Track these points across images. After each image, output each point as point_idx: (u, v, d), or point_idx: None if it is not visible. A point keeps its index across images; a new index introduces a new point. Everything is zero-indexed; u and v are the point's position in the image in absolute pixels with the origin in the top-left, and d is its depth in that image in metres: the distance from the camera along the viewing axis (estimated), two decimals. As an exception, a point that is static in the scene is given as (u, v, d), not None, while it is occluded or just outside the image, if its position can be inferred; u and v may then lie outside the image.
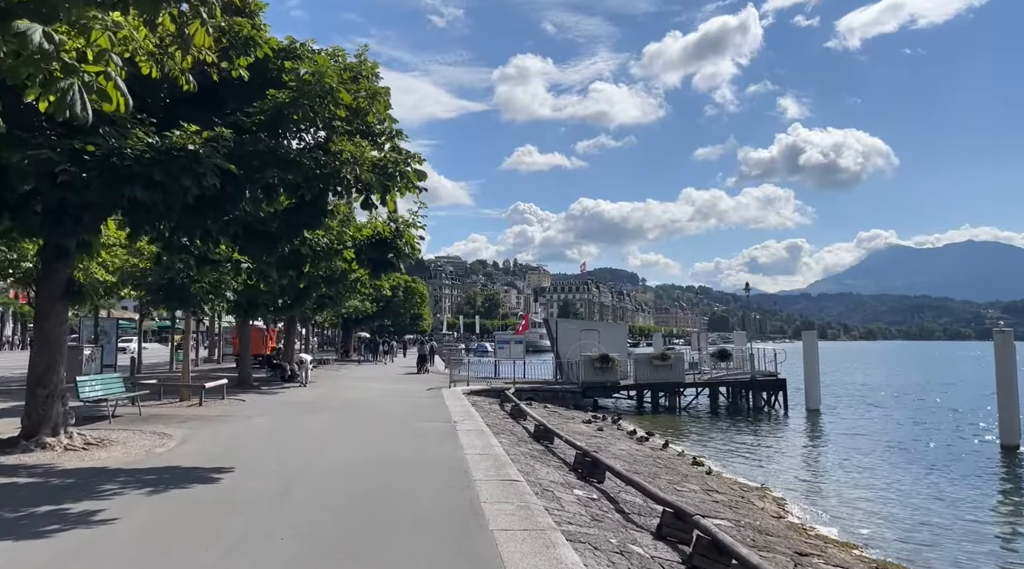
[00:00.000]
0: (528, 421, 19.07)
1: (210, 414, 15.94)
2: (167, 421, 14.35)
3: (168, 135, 8.00)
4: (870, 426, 26.86)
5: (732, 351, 31.91)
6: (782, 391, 30.81)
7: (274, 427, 14.14)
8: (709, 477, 14.88)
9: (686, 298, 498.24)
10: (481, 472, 9.70)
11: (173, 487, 8.19)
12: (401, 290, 58.14)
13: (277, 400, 19.94)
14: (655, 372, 30.19)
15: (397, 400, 20.76)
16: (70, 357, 25.18)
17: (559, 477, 11.29)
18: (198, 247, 10.76)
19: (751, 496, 13.35)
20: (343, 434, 13.22)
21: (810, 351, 30.92)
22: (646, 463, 15.76)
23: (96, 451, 10.67)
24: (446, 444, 12.16)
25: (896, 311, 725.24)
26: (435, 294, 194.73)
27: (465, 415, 17.39)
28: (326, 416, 16.21)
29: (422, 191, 10.31)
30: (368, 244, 11.38)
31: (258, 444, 11.80)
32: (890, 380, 55.70)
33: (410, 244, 11.42)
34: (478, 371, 32.47)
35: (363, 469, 9.66)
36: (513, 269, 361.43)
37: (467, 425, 15.15)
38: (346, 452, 11.12)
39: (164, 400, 18.42)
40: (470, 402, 21.83)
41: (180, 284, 17.38)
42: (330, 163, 9.30)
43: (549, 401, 28.00)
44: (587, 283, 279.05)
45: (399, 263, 11.34)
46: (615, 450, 17.07)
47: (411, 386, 27.20)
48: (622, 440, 19.36)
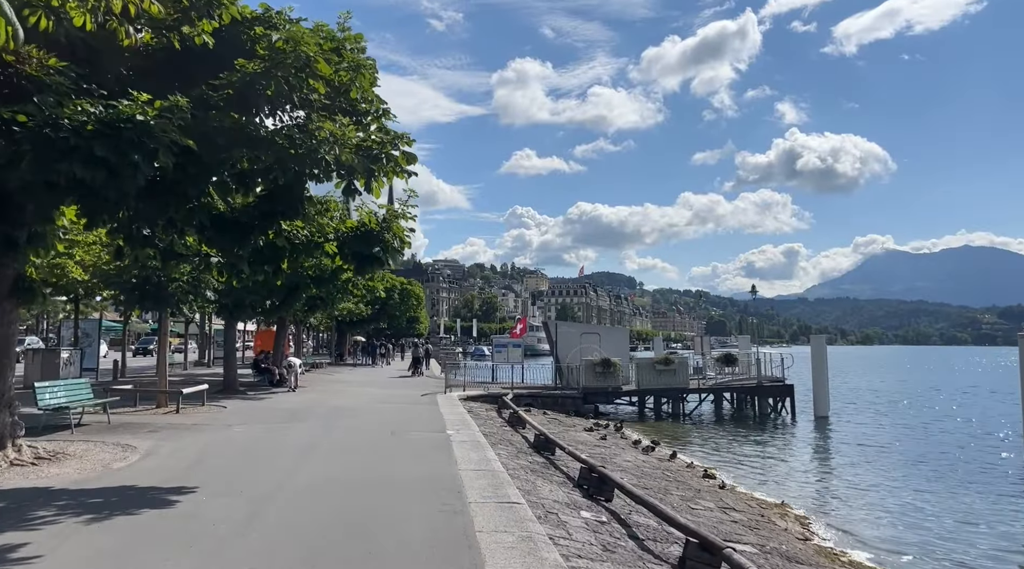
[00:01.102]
0: (528, 429, 17.97)
1: (185, 422, 14.80)
2: (136, 431, 13.21)
3: (114, 105, 6.89)
4: (885, 435, 25.75)
5: (737, 356, 30.81)
6: (790, 397, 29.73)
7: (252, 437, 13.01)
8: (723, 492, 13.78)
9: (683, 302, 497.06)
10: (477, 492, 8.58)
11: (120, 513, 7.06)
12: (397, 292, 56.97)
13: (261, 406, 18.80)
14: (658, 377, 29.09)
15: (389, 407, 19.64)
16: (46, 361, 24.14)
17: (563, 495, 10.18)
18: (162, 239, 9.66)
19: (771, 514, 12.24)
20: (326, 446, 12.09)
21: (819, 356, 29.83)
22: (655, 476, 14.66)
23: (46, 467, 9.54)
24: (439, 458, 11.04)
25: (893, 316, 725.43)
26: (432, 297, 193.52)
27: (460, 423, 16.28)
28: (311, 425, 15.07)
29: (411, 176, 9.21)
30: (352, 237, 10.24)
31: (230, 458, 10.67)
32: (898, 385, 54.60)
33: (399, 237, 10.29)
34: (475, 375, 31.32)
35: (343, 489, 8.54)
36: (511, 273, 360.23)
37: (462, 435, 14.03)
38: (327, 468, 10.00)
39: (140, 407, 17.28)
40: (466, 409, 20.72)
41: (156, 283, 16.26)
42: (306, 142, 8.19)
43: (549, 407, 26.87)
44: (585, 287, 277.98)
45: (387, 258, 10.21)
46: (621, 462, 15.97)
47: (405, 391, 26.07)
48: (627, 450, 18.25)
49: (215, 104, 8.28)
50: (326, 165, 8.33)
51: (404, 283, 62.79)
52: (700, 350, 35.40)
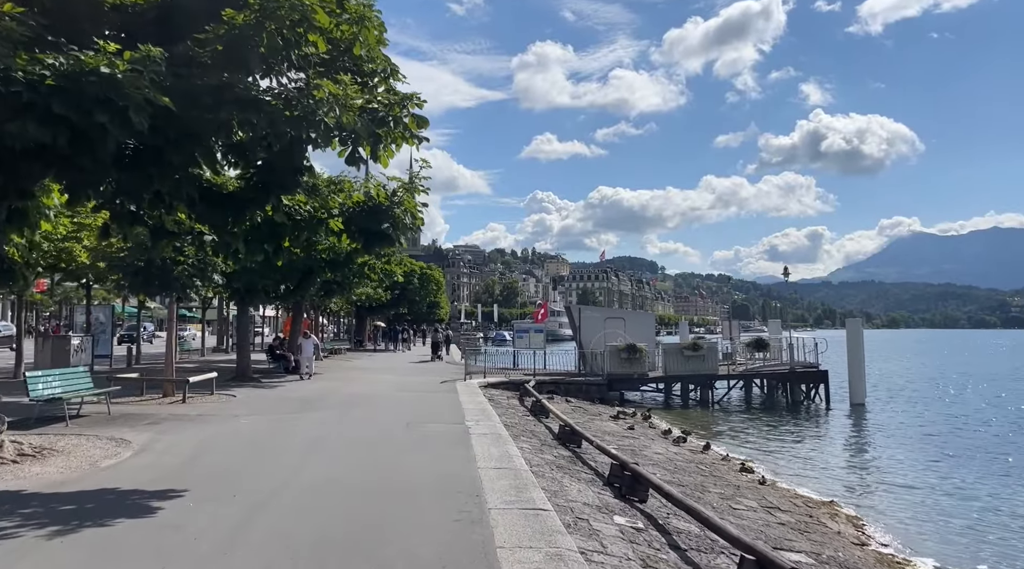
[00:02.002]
0: (551, 419, 17.04)
1: (190, 413, 14.02)
2: (135, 422, 12.43)
3: (77, 56, 5.97)
4: (928, 423, 24.47)
5: (769, 340, 29.60)
6: (824, 384, 28.50)
7: (258, 430, 12.18)
8: (764, 489, 12.75)
9: (706, 286, 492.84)
10: (498, 496, 7.65)
11: (90, 524, 6.20)
12: (416, 277, 56.18)
13: (273, 395, 18.02)
14: (686, 363, 27.98)
15: (406, 395, 18.77)
16: (56, 348, 23.55)
17: (593, 496, 9.23)
18: (151, 216, 8.78)
19: (820, 514, 11.20)
20: (336, 440, 11.22)
21: (854, 340, 28.53)
22: (689, 471, 13.67)
23: (28, 465, 8.74)
24: (456, 454, 10.12)
25: (919, 299, 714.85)
26: (453, 283, 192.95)
27: (480, 413, 15.38)
28: (322, 415, 14.23)
29: (422, 142, 8.23)
30: (359, 212, 9.30)
31: (230, 454, 9.82)
32: (932, 370, 52.91)
33: (411, 212, 9.33)
34: (495, 362, 30.46)
35: (348, 493, 7.64)
36: (531, 258, 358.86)
37: (482, 427, 13.11)
38: (333, 466, 9.11)
39: (146, 396, 16.55)
40: (486, 397, 19.82)
41: (161, 266, 15.47)
42: (302, 103, 7.24)
43: (572, 394, 25.92)
44: (606, 271, 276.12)
45: (397, 235, 9.27)
46: (651, 454, 14.99)
47: (423, 378, 25.22)
48: (657, 441, 17.26)
49: (202, 62, 7.34)
50: (325, 128, 7.36)
51: (424, 267, 61.99)
52: (728, 335, 34.18)
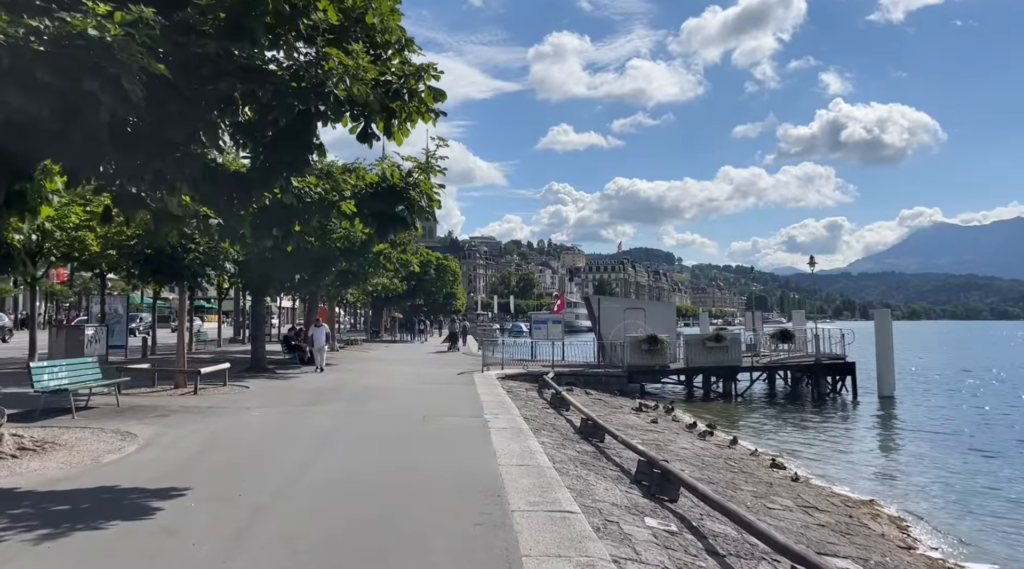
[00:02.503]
0: (572, 412, 16.52)
1: (200, 405, 13.61)
2: (144, 415, 12.02)
3: (63, 18, 5.47)
4: (962, 417, 23.67)
5: (794, 331, 28.87)
6: (851, 376, 27.76)
7: (269, 423, 11.74)
8: (799, 486, 12.15)
9: (723, 277, 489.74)
10: (521, 496, 7.13)
11: (83, 527, 5.74)
12: (432, 268, 55.77)
13: (286, 387, 17.61)
14: (708, 355, 27.33)
15: (423, 387, 18.31)
16: (70, 338, 23.27)
17: (621, 495, 8.69)
18: (154, 198, 8.31)
19: (860, 514, 10.59)
20: (349, 434, 10.74)
21: (883, 331, 27.76)
22: (717, 467, 13.09)
23: (28, 460, 8.32)
24: (475, 449, 9.61)
25: (940, 290, 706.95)
26: (469, 274, 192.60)
27: (499, 406, 14.87)
28: (336, 408, 13.78)
29: (439, 117, 7.68)
30: (372, 194, 8.76)
31: (238, 449, 9.36)
32: (960, 362, 51.70)
33: (427, 194, 8.78)
34: (513, 353, 29.90)
35: (361, 492, 7.14)
36: (547, 249, 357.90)
37: (501, 420, 12.60)
38: (345, 463, 8.62)
39: (158, 387, 16.19)
40: (504, 389, 19.32)
41: (170, 254, 15.05)
42: (310, 73, 6.71)
43: (591, 386, 25.39)
44: (623, 262, 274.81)
45: (412, 219, 8.71)
46: (677, 449, 14.43)
47: (440, 370, 24.77)
48: (682, 435, 16.68)
49: (203, 31, 6.81)
50: (335, 101, 6.83)
51: (440, 258, 61.60)
52: (751, 326, 33.44)
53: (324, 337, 23.28)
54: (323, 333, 23.27)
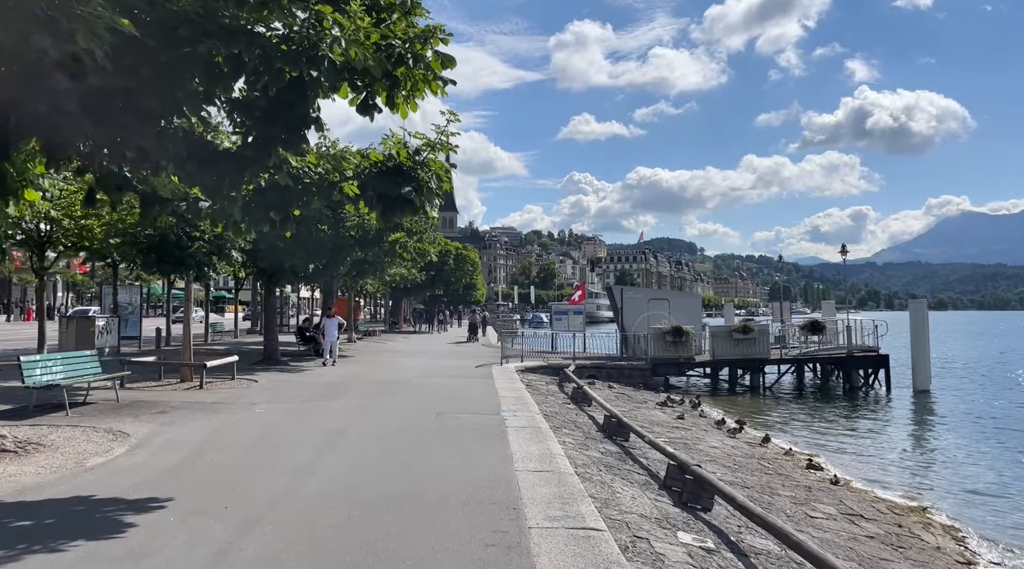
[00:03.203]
0: (594, 407, 15.75)
1: (204, 400, 12.99)
2: (143, 411, 11.40)
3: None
4: (1004, 414, 22.54)
5: (825, 323, 27.81)
6: (884, 368, 26.68)
7: (273, 421, 11.07)
8: (839, 490, 11.28)
9: (746, 268, 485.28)
10: (539, 509, 6.37)
11: (40, 548, 5.05)
12: (452, 258, 55.09)
13: (297, 380, 16.97)
14: (736, 347, 26.39)
15: (439, 381, 17.60)
16: (80, 329, 22.85)
17: (649, 504, 7.90)
18: (140, 178, 7.63)
19: (910, 523, 9.72)
20: (356, 434, 10.04)
21: (918, 323, 26.62)
22: (751, 468, 12.25)
23: (5, 463, 7.69)
24: (491, 452, 8.86)
25: (968, 280, 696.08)
26: (489, 264, 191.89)
27: (518, 402, 14.12)
28: (345, 404, 13.11)
29: (448, 85, 6.89)
30: (377, 174, 7.99)
31: (235, 451, 8.69)
32: (995, 354, 50.10)
33: (437, 174, 8.00)
34: (533, 345, 29.16)
35: (363, 503, 6.42)
36: (568, 239, 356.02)
37: (520, 418, 11.85)
38: (349, 468, 7.91)
39: (163, 381, 15.63)
40: (524, 382, 18.58)
41: (175, 242, 14.43)
42: (302, 34, 5.95)
43: (614, 379, 24.59)
44: (645, 253, 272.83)
45: (421, 201, 7.92)
46: (706, 448, 13.61)
47: (458, 362, 24.08)
48: (711, 433, 15.84)
49: None
50: (331, 67, 6.07)
51: (459, 247, 60.87)
52: (779, 317, 32.39)
53: (336, 329, 22.21)
54: (335, 325, 22.17)
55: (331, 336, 21.58)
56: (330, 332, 21.66)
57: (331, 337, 21.58)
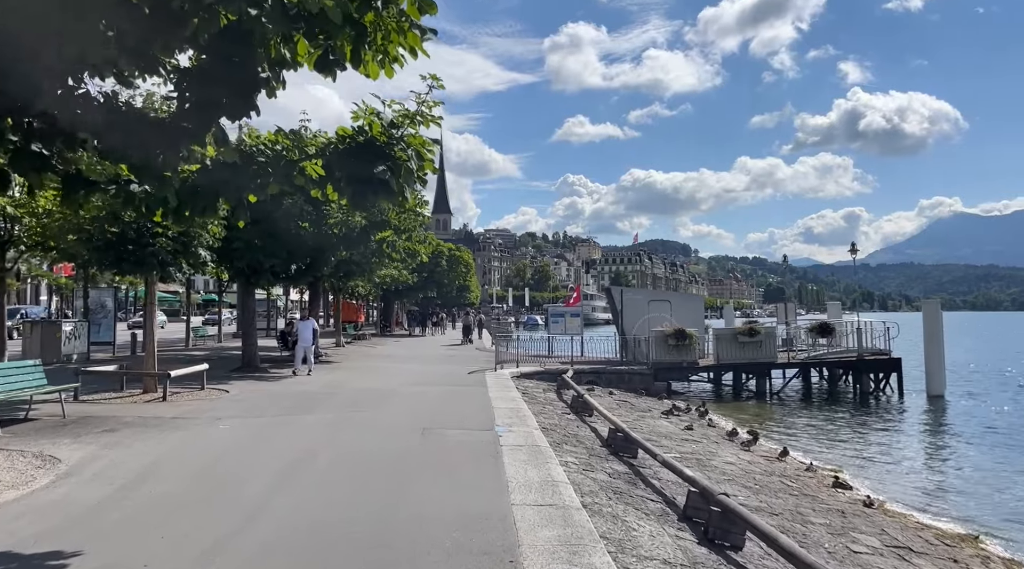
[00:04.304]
0: (596, 418, 14.51)
1: (164, 415, 11.65)
2: (88, 429, 10.07)
3: None
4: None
5: (835, 325, 26.59)
6: (896, 373, 25.49)
7: (236, 439, 9.75)
8: (875, 514, 10.02)
9: (740, 269, 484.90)
10: (541, 559, 5.11)
11: None
12: (444, 259, 53.77)
13: (273, 390, 15.64)
14: (741, 350, 25.15)
15: (427, 390, 16.30)
16: (45, 335, 21.45)
17: (671, 544, 6.62)
18: (60, 155, 6.33)
19: (966, 557, 8.45)
20: (329, 456, 8.73)
21: (932, 324, 25.44)
22: (774, 488, 10.99)
23: None
24: (483, 479, 7.57)
25: (960, 281, 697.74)
26: (484, 266, 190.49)
27: (513, 414, 12.84)
28: (322, 418, 11.79)
29: (427, 38, 5.61)
30: (345, 152, 6.71)
31: (180, 481, 7.37)
32: (1006, 357, 48.89)
33: (417, 152, 6.71)
34: (528, 348, 27.85)
35: (324, 551, 5.12)
36: (563, 241, 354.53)
37: (516, 434, 10.56)
38: (312, 502, 6.60)
39: (125, 392, 14.29)
40: (519, 390, 17.31)
41: (134, 239, 13.09)
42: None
43: (614, 385, 23.34)
44: (639, 254, 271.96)
45: (398, 184, 6.62)
46: (721, 464, 12.34)
47: (450, 367, 22.77)
48: (723, 445, 14.57)
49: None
50: (276, 8, 4.78)
51: (452, 248, 59.60)
52: (784, 318, 31.19)
53: (311, 333, 19.75)
54: (310, 329, 19.77)
55: (305, 341, 19.42)
56: (304, 336, 19.46)
57: (305, 342, 19.42)
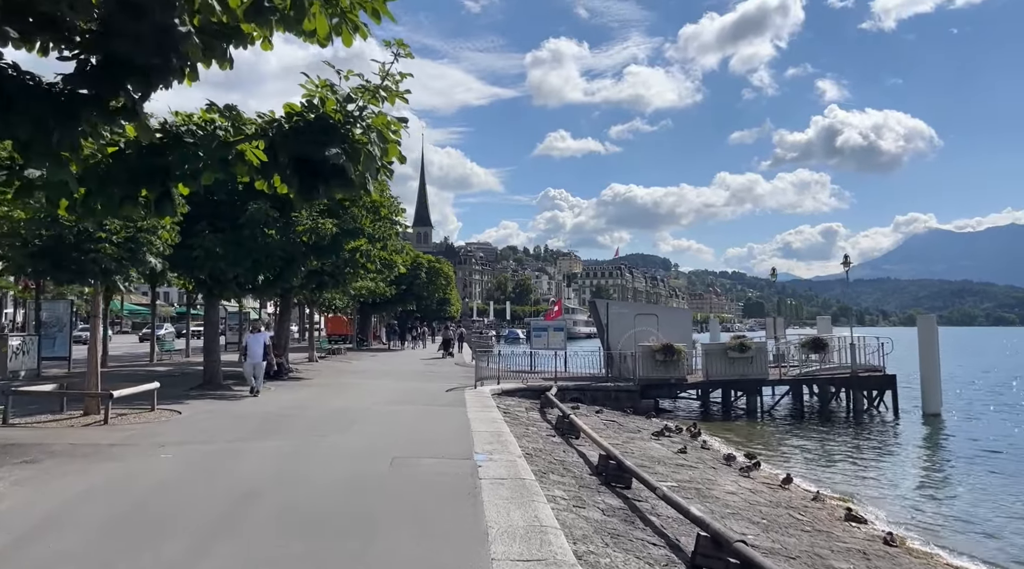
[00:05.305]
0: (583, 440, 13.38)
1: (100, 441, 10.33)
2: (5, 459, 8.72)
3: None
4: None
5: (828, 340, 25.66)
6: (891, 390, 24.59)
7: (175, 473, 8.47)
8: (899, 553, 8.94)
9: (719, 283, 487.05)
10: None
11: None
12: (424, 271, 52.47)
13: (231, 411, 14.31)
14: (731, 366, 24.14)
15: (401, 410, 15.06)
16: (-11, 349, 19.97)
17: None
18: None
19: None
20: (278, 497, 7.47)
21: (928, 340, 24.60)
22: (783, 523, 9.87)
23: None
24: (459, 526, 6.38)
25: (936, 296, 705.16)
26: (465, 280, 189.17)
27: (494, 438, 11.64)
28: (281, 445, 10.52)
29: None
30: (291, 132, 5.53)
31: (89, 532, 6.10)
32: (994, 373, 48.26)
33: (380, 133, 5.56)
34: (510, 363, 26.66)
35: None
36: (544, 255, 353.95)
37: (497, 464, 9.37)
38: (247, 565, 5.38)
39: (65, 413, 12.92)
40: (501, 410, 16.13)
41: (73, 244, 11.78)
42: None
43: (599, 402, 22.21)
44: (620, 268, 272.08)
45: (358, 173, 5.46)
46: (722, 494, 11.21)
47: (427, 385, 21.53)
48: (721, 471, 13.45)
49: None
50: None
51: (432, 260, 58.33)
52: (773, 333, 30.26)
53: (261, 347, 17.19)
54: (260, 343, 17.22)
55: (254, 357, 17.02)
56: (253, 352, 17.04)
57: (254, 358, 17.00)
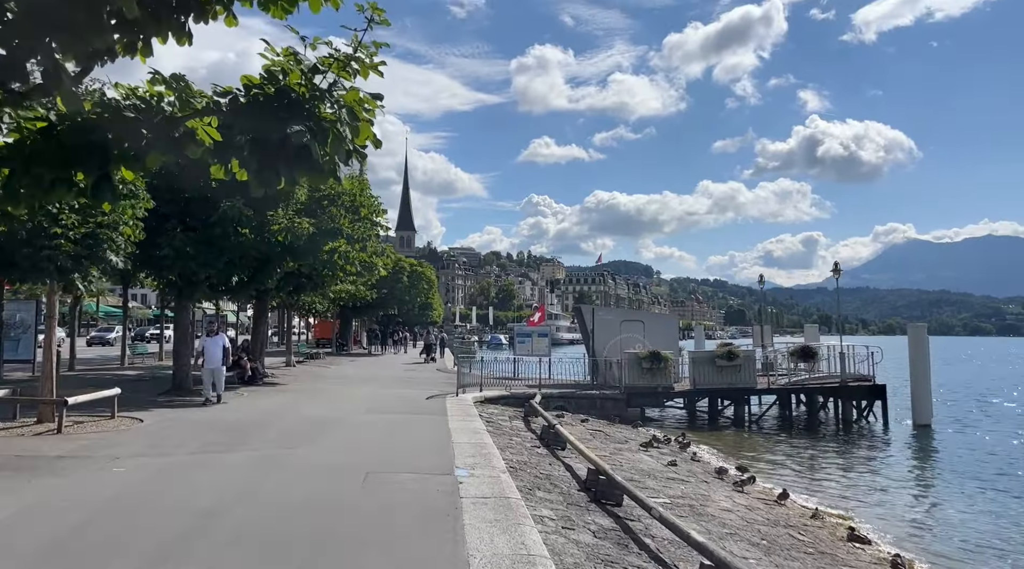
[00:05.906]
0: (569, 451, 12.72)
1: (49, 453, 9.54)
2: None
3: None
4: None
5: (817, 349, 25.24)
6: (881, 400, 24.19)
7: (127, 489, 7.71)
8: (910, 580, 8.38)
9: (701, 291, 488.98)
10: None
11: None
12: (405, 275, 51.68)
13: (197, 419, 13.50)
14: (719, 375, 23.63)
15: (378, 419, 14.34)
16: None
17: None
18: None
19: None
20: (237, 517, 6.75)
21: (918, 350, 24.24)
22: (783, 544, 9.27)
23: None
24: (436, 552, 5.70)
25: (914, 306, 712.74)
26: (448, 285, 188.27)
27: (476, 450, 10.97)
28: (247, 457, 9.78)
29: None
30: (249, 107, 4.85)
31: (18, 561, 5.36)
32: (979, 383, 48.23)
33: (351, 109, 4.89)
34: (493, 370, 26.01)
35: None
36: (527, 261, 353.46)
37: (479, 480, 8.69)
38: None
39: (18, 421, 12.10)
40: (484, 419, 15.44)
41: (25, 240, 10.97)
42: None
43: (584, 410, 21.60)
44: (603, 275, 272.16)
45: (326, 155, 4.78)
46: (717, 511, 10.60)
47: (407, 391, 20.80)
48: (713, 486, 12.85)
49: None
50: None
51: (414, 264, 57.55)
52: (761, 341, 29.80)
53: (219, 352, 16.00)
54: (219, 347, 16.05)
55: (212, 362, 15.78)
56: (211, 355, 15.81)
57: (212, 363, 15.78)
